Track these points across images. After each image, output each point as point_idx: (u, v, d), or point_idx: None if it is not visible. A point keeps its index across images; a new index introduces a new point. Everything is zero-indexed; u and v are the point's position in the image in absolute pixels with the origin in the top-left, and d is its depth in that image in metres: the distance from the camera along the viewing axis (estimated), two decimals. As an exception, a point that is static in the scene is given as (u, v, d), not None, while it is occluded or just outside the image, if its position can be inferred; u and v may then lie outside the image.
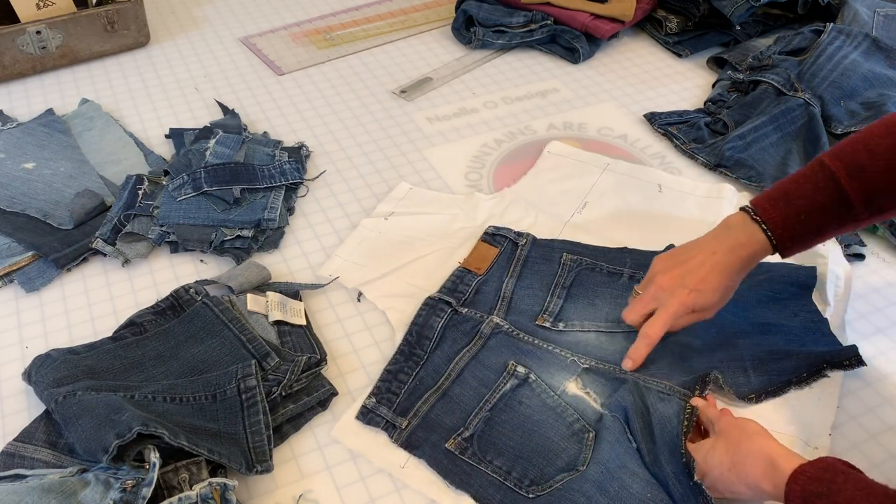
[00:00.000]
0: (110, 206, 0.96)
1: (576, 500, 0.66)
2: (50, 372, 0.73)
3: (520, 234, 0.93)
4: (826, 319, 0.83)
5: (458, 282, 0.87)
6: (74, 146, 1.07)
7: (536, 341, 0.79)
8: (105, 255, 0.91)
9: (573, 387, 0.76)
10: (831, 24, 1.24)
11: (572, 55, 1.32)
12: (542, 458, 0.70)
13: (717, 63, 1.30)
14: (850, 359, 0.77)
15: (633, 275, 0.88)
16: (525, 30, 1.33)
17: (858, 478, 0.56)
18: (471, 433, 0.72)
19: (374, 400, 0.75)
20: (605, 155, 1.09)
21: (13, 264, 0.89)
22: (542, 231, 0.96)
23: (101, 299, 0.87)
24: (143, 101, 1.20)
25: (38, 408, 0.73)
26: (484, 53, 1.34)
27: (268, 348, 0.77)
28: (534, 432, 0.72)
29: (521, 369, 0.77)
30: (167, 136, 1.12)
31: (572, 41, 1.31)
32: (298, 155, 1.07)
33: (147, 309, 0.82)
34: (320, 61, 1.32)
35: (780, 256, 0.73)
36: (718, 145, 1.08)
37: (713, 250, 0.74)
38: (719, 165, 1.06)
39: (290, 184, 1.01)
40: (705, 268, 0.73)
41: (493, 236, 0.93)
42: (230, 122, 1.13)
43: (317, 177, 1.06)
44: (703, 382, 0.74)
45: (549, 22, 1.33)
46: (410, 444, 0.72)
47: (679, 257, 0.76)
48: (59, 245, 0.90)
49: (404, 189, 1.03)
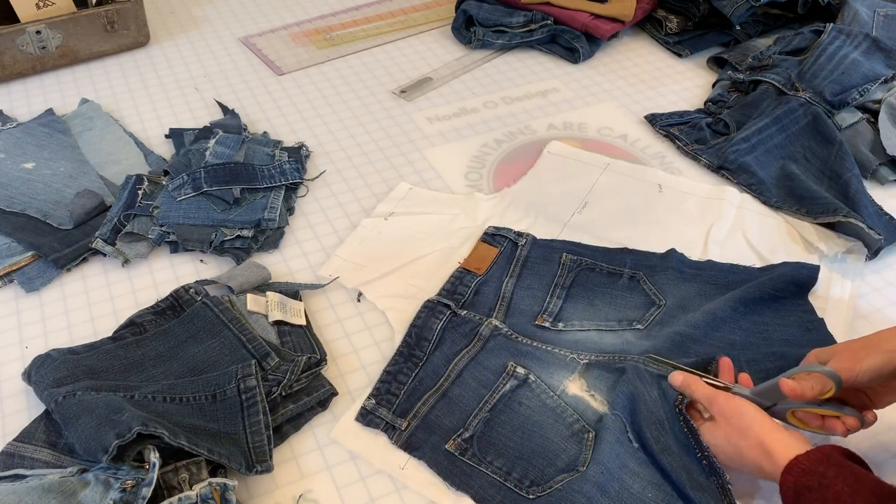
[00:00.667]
0: (110, 206, 0.96)
1: (576, 501, 0.66)
2: (50, 372, 0.73)
3: (520, 235, 0.93)
4: (822, 320, 0.83)
5: (458, 283, 0.87)
6: (74, 146, 1.07)
7: (535, 343, 0.79)
8: (105, 255, 0.91)
9: (574, 387, 0.76)
10: (831, 24, 1.24)
11: (572, 55, 1.32)
12: (542, 458, 0.70)
13: (717, 63, 1.30)
14: None
15: (633, 275, 0.88)
16: (525, 30, 1.33)
17: (851, 470, 0.56)
18: (470, 434, 0.72)
19: (373, 401, 0.75)
20: (605, 155, 1.09)
21: (13, 264, 0.89)
22: (542, 231, 0.96)
23: (101, 299, 0.87)
24: (142, 101, 1.20)
25: (38, 408, 0.73)
26: (484, 53, 1.34)
27: (268, 348, 0.77)
28: (534, 433, 0.72)
29: (520, 370, 0.77)
30: (167, 136, 1.12)
31: (572, 41, 1.31)
32: (298, 155, 1.07)
33: (147, 309, 0.82)
34: (320, 61, 1.32)
35: None
36: (722, 147, 1.08)
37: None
38: (722, 168, 1.06)
39: (290, 184, 1.01)
40: (868, 341, 0.66)
41: (492, 237, 0.93)
42: (230, 122, 1.13)
43: (317, 177, 1.06)
44: (704, 370, 0.74)
45: (549, 22, 1.33)
46: (410, 446, 0.72)
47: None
48: (58, 245, 0.90)
49: (404, 189, 1.03)
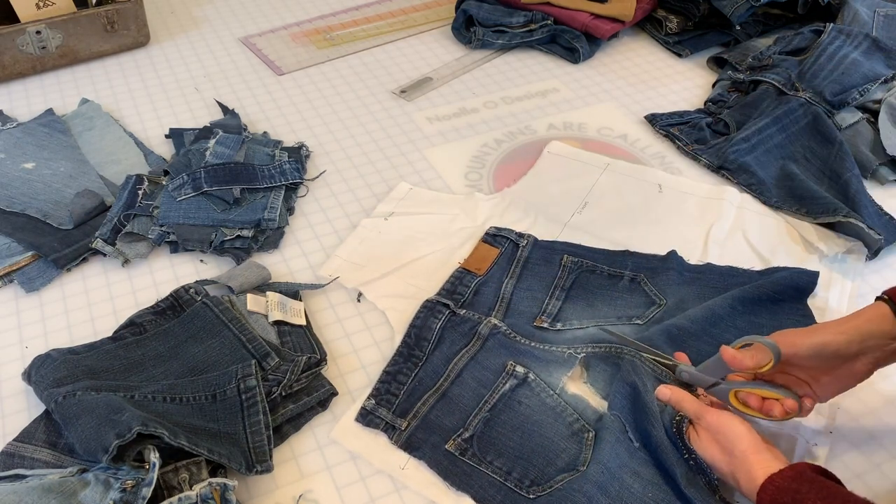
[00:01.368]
0: (110, 206, 0.96)
1: (577, 501, 0.66)
2: (50, 372, 0.73)
3: (521, 235, 0.93)
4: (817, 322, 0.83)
5: (458, 283, 0.87)
6: (74, 146, 1.07)
7: (534, 344, 0.79)
8: (105, 255, 0.91)
9: (573, 384, 0.76)
10: (831, 24, 1.24)
11: (572, 55, 1.32)
12: (542, 458, 0.70)
13: (717, 63, 1.30)
14: None
15: (633, 277, 0.88)
16: (525, 30, 1.33)
17: (823, 485, 0.57)
18: (470, 434, 0.72)
19: (373, 401, 0.75)
20: (605, 155, 1.09)
21: (13, 264, 0.89)
22: (542, 231, 0.96)
23: (101, 299, 0.87)
24: (143, 101, 1.20)
25: (38, 408, 0.73)
26: (484, 53, 1.34)
27: (268, 348, 0.77)
28: (533, 432, 0.72)
29: (519, 369, 0.77)
30: (167, 136, 1.12)
31: (572, 41, 1.31)
32: (298, 155, 1.06)
33: (147, 309, 0.82)
34: (320, 61, 1.32)
35: None
36: (722, 147, 1.08)
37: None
38: (722, 168, 1.06)
39: (290, 184, 1.01)
40: (813, 326, 0.68)
41: (494, 237, 0.93)
42: (230, 122, 1.13)
43: (317, 177, 1.06)
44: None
45: (549, 22, 1.33)
46: (410, 446, 0.72)
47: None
48: (59, 245, 0.90)
49: (404, 189, 1.03)
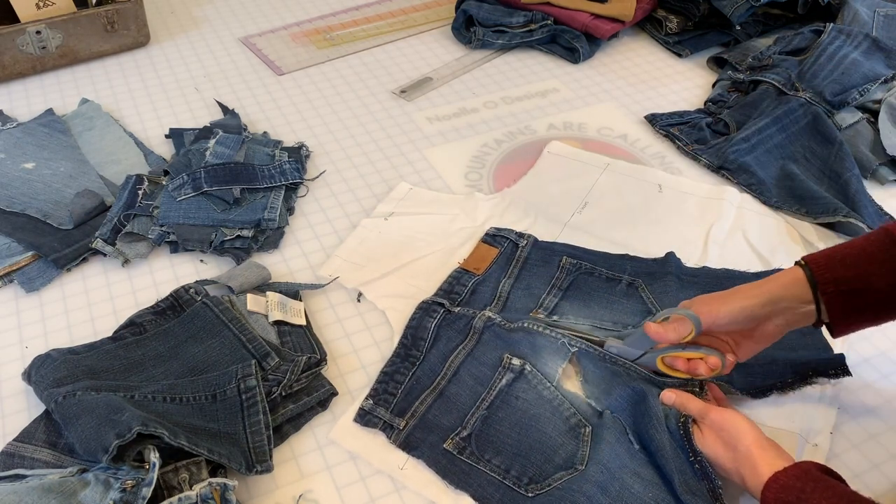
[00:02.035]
0: (110, 206, 0.96)
1: (577, 501, 0.66)
2: (50, 372, 0.73)
3: (521, 235, 0.93)
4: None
5: (455, 283, 0.87)
6: (74, 146, 1.07)
7: (527, 324, 0.78)
8: (105, 255, 0.91)
9: (569, 382, 0.76)
10: (831, 24, 1.24)
11: (572, 55, 1.32)
12: (540, 455, 0.70)
13: (717, 63, 1.30)
14: (836, 368, 0.78)
15: (632, 282, 0.88)
16: (525, 30, 1.33)
17: (828, 484, 0.57)
18: (468, 432, 0.72)
19: (371, 402, 0.75)
20: (605, 155, 1.09)
21: (13, 264, 0.89)
22: (542, 231, 0.96)
23: (101, 299, 0.87)
24: (143, 101, 1.20)
25: (38, 408, 0.73)
26: (484, 53, 1.34)
27: (268, 348, 0.77)
28: (531, 428, 0.72)
29: (516, 361, 0.77)
30: (167, 136, 1.12)
31: (572, 41, 1.31)
32: (298, 155, 1.06)
33: (147, 309, 0.82)
34: (320, 61, 1.32)
35: (823, 309, 0.67)
36: (722, 147, 1.08)
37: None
38: (722, 168, 1.06)
39: (290, 184, 1.01)
40: (729, 291, 0.70)
41: (493, 237, 0.93)
42: (230, 122, 1.13)
43: (317, 177, 1.06)
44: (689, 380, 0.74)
45: (549, 22, 1.33)
46: (408, 445, 0.72)
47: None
48: (59, 245, 0.90)
49: (404, 189, 1.03)
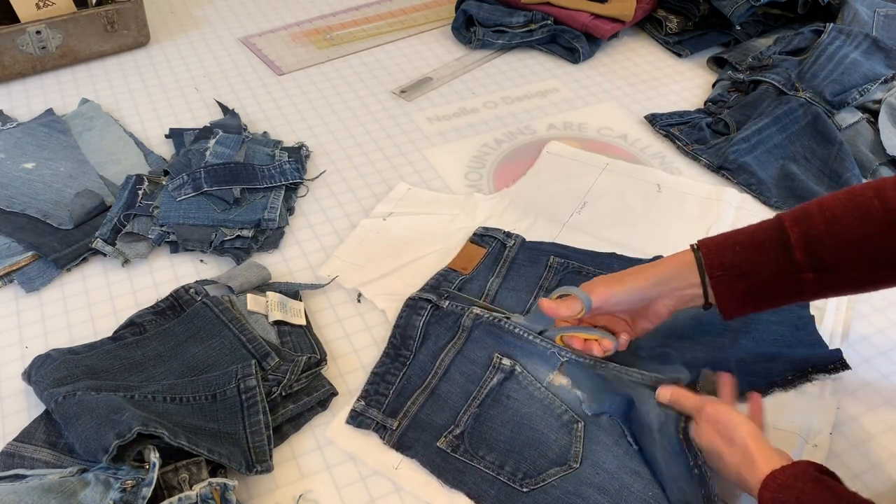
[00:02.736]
0: (110, 206, 0.96)
1: (575, 502, 0.66)
2: (50, 372, 0.73)
3: (508, 235, 0.93)
4: (812, 316, 0.83)
5: (442, 279, 0.87)
6: (74, 146, 1.07)
7: (517, 330, 0.78)
8: (105, 255, 0.91)
9: (558, 379, 0.76)
10: (831, 24, 1.24)
11: (572, 55, 1.32)
12: (533, 450, 0.70)
13: (717, 63, 1.30)
14: (835, 363, 0.78)
15: None
16: (525, 30, 1.33)
17: (826, 485, 0.57)
18: (461, 430, 0.72)
19: (363, 403, 0.75)
20: (605, 155, 1.09)
21: (13, 264, 0.89)
22: (541, 231, 0.96)
23: (101, 299, 0.87)
24: (143, 101, 1.20)
25: (38, 408, 0.73)
26: (484, 53, 1.34)
27: (268, 348, 0.77)
28: (523, 425, 0.72)
29: (506, 362, 0.77)
30: (167, 136, 1.12)
31: (572, 41, 1.31)
32: (298, 155, 1.07)
33: (147, 309, 0.82)
34: (320, 61, 1.32)
35: (710, 295, 0.69)
36: (722, 147, 1.08)
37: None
38: (722, 168, 1.06)
39: (290, 184, 1.01)
40: (624, 272, 0.73)
41: (481, 237, 0.93)
42: (230, 122, 1.13)
43: (317, 177, 1.06)
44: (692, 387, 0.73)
45: (549, 22, 1.33)
46: (402, 445, 0.72)
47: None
48: (58, 245, 0.90)
49: (403, 189, 1.03)
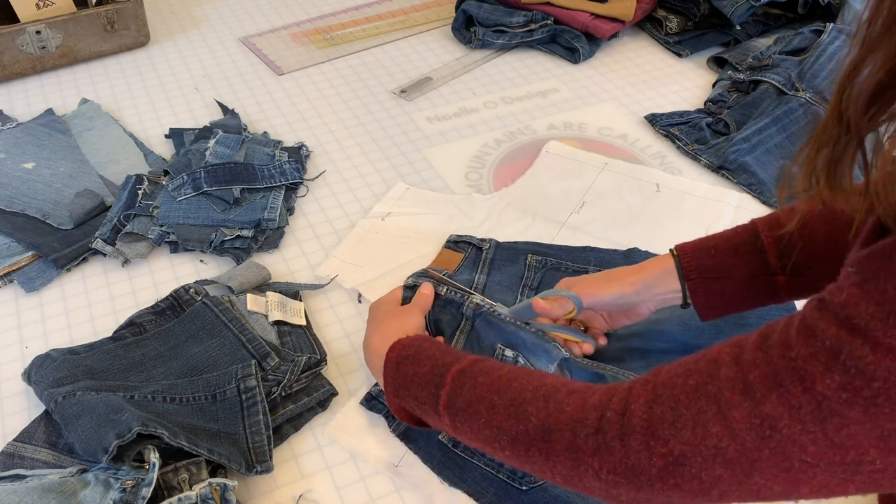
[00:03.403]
0: (110, 206, 0.96)
1: (573, 501, 0.66)
2: (50, 372, 0.73)
3: (483, 240, 0.93)
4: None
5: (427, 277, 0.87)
6: (74, 146, 1.07)
7: (519, 323, 0.78)
8: (105, 255, 0.91)
9: (559, 374, 0.76)
10: (831, 23, 1.24)
11: (572, 55, 1.32)
12: None
13: (718, 63, 1.30)
14: None
15: (598, 270, 0.88)
16: (525, 30, 1.33)
17: (441, 343, 0.67)
18: None
19: (378, 387, 0.75)
20: (605, 155, 1.09)
21: (13, 264, 0.89)
22: (540, 231, 0.96)
23: (100, 299, 0.87)
24: (143, 101, 1.20)
25: (38, 408, 0.73)
26: (484, 53, 1.34)
27: (268, 348, 0.77)
28: None
29: (508, 353, 0.77)
30: (167, 136, 1.12)
31: (572, 41, 1.31)
32: (298, 155, 1.07)
33: (147, 309, 0.82)
34: (320, 61, 1.32)
35: (688, 297, 0.72)
36: (722, 147, 1.08)
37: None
38: (722, 168, 1.06)
39: (290, 184, 1.01)
40: (609, 275, 0.75)
41: (456, 243, 0.93)
42: (230, 122, 1.13)
43: (317, 177, 1.06)
44: None
45: (549, 22, 1.33)
46: (406, 436, 0.72)
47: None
48: (58, 245, 0.90)
49: (401, 189, 1.03)
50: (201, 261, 0.92)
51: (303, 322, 0.83)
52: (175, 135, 1.11)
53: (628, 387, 0.51)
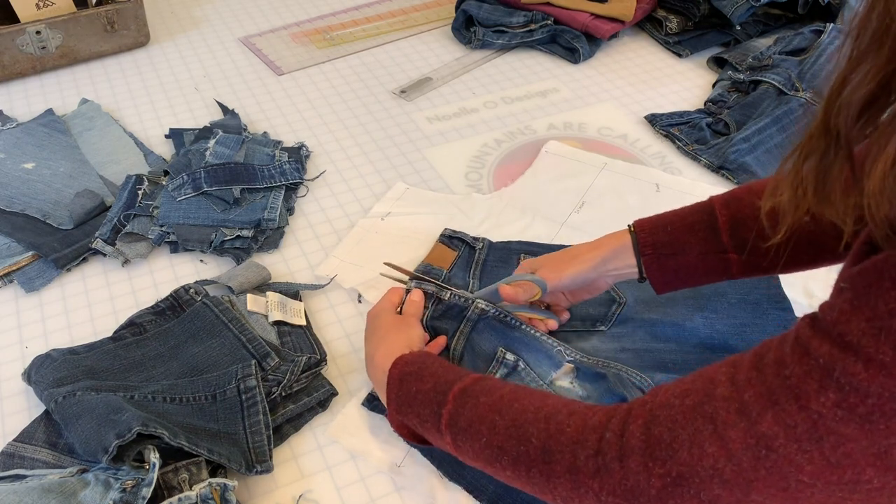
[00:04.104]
0: (110, 206, 0.96)
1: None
2: (50, 372, 0.73)
3: (476, 239, 0.93)
4: (793, 313, 0.83)
5: (427, 273, 0.87)
6: (74, 146, 1.07)
7: (524, 326, 0.79)
8: (105, 255, 0.91)
9: (561, 380, 0.77)
10: (831, 24, 1.24)
11: (572, 55, 1.32)
12: None
13: (717, 63, 1.30)
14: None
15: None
16: (525, 30, 1.33)
17: (444, 361, 0.66)
18: None
19: None
20: (605, 155, 1.09)
21: (13, 264, 0.89)
22: (540, 231, 0.96)
23: (100, 299, 0.87)
24: (143, 101, 1.20)
25: (38, 408, 0.73)
26: (484, 53, 1.34)
27: (268, 348, 0.77)
28: None
29: (510, 356, 0.77)
30: (167, 136, 1.12)
31: (572, 41, 1.31)
32: (298, 155, 1.07)
33: (147, 309, 0.82)
34: (320, 61, 1.32)
35: (644, 271, 0.73)
36: (722, 147, 1.08)
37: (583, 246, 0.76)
38: (722, 167, 1.06)
39: (290, 184, 1.01)
40: (568, 254, 0.77)
41: (450, 239, 0.93)
42: (230, 122, 1.13)
43: (317, 177, 1.06)
44: None
45: (549, 22, 1.33)
46: None
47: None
48: (58, 245, 0.90)
49: (401, 189, 1.03)
50: (201, 261, 0.92)
51: (303, 322, 0.83)
52: (175, 135, 1.11)
53: (627, 408, 0.51)
